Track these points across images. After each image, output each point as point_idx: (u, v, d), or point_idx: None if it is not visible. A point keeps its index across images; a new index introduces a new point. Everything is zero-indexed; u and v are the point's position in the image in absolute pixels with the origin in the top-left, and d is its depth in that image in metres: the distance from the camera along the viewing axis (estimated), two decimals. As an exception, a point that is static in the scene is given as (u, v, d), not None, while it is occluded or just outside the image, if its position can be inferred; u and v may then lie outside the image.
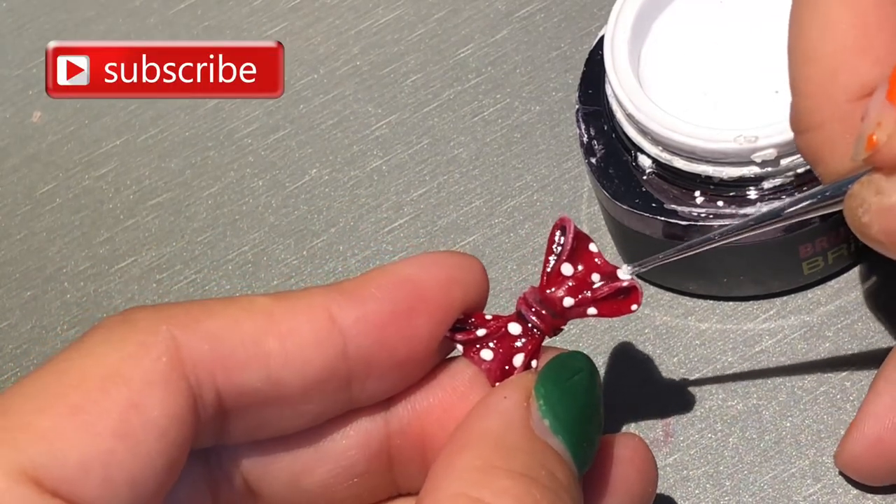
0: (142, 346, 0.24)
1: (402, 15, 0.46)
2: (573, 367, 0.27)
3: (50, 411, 0.23)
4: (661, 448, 0.35)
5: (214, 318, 0.25)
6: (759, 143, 0.32)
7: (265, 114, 0.45)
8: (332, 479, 0.27)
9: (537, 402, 0.26)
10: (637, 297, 0.28)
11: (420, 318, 0.26)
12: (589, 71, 0.37)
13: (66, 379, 0.23)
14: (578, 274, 0.28)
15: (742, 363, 0.36)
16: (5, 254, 0.45)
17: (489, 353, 0.28)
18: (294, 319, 0.25)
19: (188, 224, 0.44)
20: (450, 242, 0.41)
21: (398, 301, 0.26)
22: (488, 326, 0.28)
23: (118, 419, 0.23)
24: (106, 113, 0.47)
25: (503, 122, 0.43)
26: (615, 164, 0.35)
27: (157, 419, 0.23)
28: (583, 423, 0.26)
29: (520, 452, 0.25)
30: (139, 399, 0.23)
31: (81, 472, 0.22)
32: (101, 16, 0.50)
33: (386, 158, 0.43)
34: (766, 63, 0.35)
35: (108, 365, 0.24)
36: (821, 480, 0.34)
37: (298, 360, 0.25)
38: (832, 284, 0.36)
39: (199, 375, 0.24)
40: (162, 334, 0.24)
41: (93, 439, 0.23)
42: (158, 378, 0.24)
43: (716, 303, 0.37)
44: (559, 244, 0.28)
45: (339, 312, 0.26)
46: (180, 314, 0.25)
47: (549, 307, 0.28)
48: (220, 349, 0.25)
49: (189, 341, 0.24)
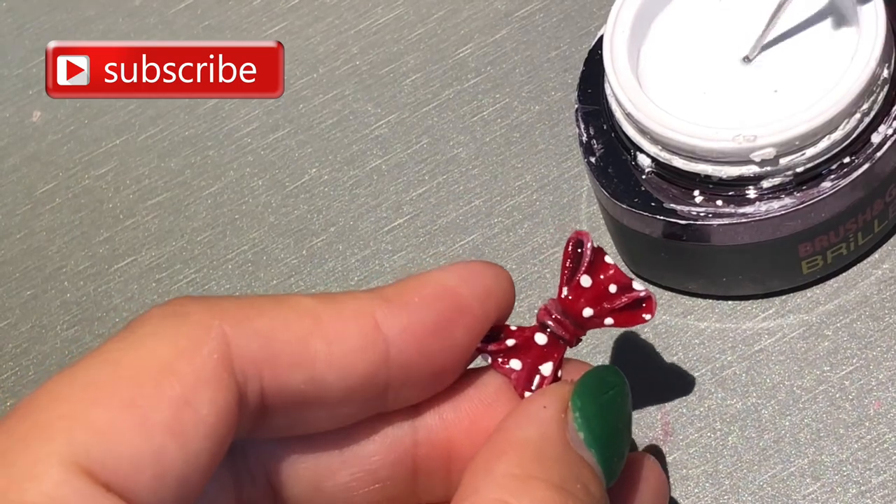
0: (195, 341, 0.24)
1: (402, 14, 0.46)
2: (609, 383, 0.27)
3: (104, 403, 0.23)
4: (660, 446, 0.35)
5: (264, 317, 0.25)
6: (758, 143, 0.32)
7: (265, 113, 0.45)
8: (354, 482, 0.27)
9: (573, 415, 0.26)
10: (651, 306, 0.29)
11: (459, 328, 0.27)
12: (588, 70, 0.37)
13: (119, 370, 0.23)
14: (597, 285, 0.29)
15: (741, 362, 0.36)
16: (5, 253, 0.45)
17: (518, 362, 0.28)
18: (341, 323, 0.25)
19: (188, 223, 0.44)
20: (449, 242, 0.41)
21: (440, 311, 0.26)
22: (516, 337, 0.28)
23: (171, 416, 0.23)
24: (105, 112, 0.47)
25: (502, 122, 0.43)
26: (614, 163, 0.35)
27: (206, 417, 0.23)
28: (614, 439, 0.27)
29: (557, 464, 0.25)
30: (191, 396, 0.23)
31: (134, 468, 0.22)
32: (100, 16, 0.50)
33: (385, 158, 0.43)
34: (765, 62, 0.35)
35: (162, 359, 0.23)
36: (820, 479, 0.34)
37: (343, 364, 0.25)
38: (831, 283, 0.36)
39: (246, 373, 0.24)
40: (214, 330, 0.24)
41: (146, 435, 0.22)
42: (210, 375, 0.24)
43: (715, 302, 0.37)
44: (577, 257, 0.29)
45: (384, 319, 0.26)
46: (232, 310, 0.25)
47: (571, 317, 0.29)
48: (268, 348, 0.24)
49: (239, 339, 0.24)
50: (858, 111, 0.33)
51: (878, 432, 0.34)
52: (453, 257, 0.40)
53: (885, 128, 0.34)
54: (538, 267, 0.39)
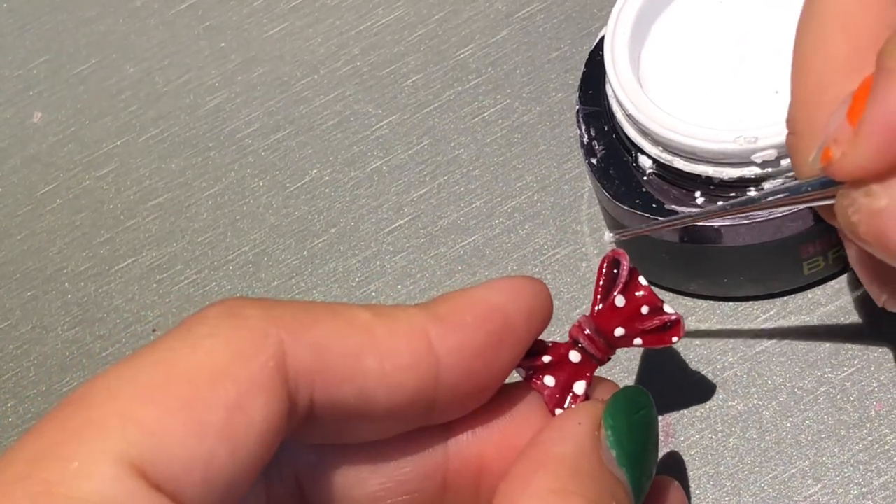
0: (252, 346, 0.24)
1: (403, 16, 0.46)
2: (639, 403, 0.28)
3: (158, 403, 0.22)
4: (662, 448, 0.35)
5: (320, 328, 0.25)
6: (760, 144, 0.32)
7: (266, 114, 0.45)
8: (382, 492, 0.27)
9: (605, 433, 0.26)
10: (679, 330, 0.29)
11: (506, 348, 0.27)
12: (589, 71, 0.37)
13: (175, 370, 0.23)
14: (630, 306, 0.29)
15: (742, 363, 0.36)
16: (6, 254, 0.45)
17: (552, 379, 0.29)
18: (394, 340, 0.25)
19: (189, 224, 0.44)
20: (450, 242, 0.41)
21: (491, 332, 0.26)
22: (551, 354, 0.29)
23: (224, 420, 0.23)
24: (106, 113, 0.47)
25: (503, 123, 0.43)
26: (615, 164, 0.35)
27: (258, 423, 0.23)
28: (644, 458, 0.27)
29: (593, 480, 0.25)
30: (245, 401, 0.23)
31: (185, 470, 0.22)
32: (101, 16, 0.50)
33: (386, 159, 0.43)
34: (766, 63, 0.35)
35: (218, 362, 0.23)
36: (821, 481, 0.34)
37: (393, 380, 0.25)
38: (833, 285, 0.36)
39: (298, 382, 0.24)
40: (272, 337, 0.24)
41: (198, 437, 0.22)
42: (264, 381, 0.23)
43: (716, 303, 0.37)
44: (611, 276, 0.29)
45: (437, 339, 0.26)
46: (289, 318, 0.24)
47: (603, 335, 0.29)
48: (322, 360, 0.24)
49: (295, 348, 0.24)
50: (860, 112, 0.33)
51: (880, 434, 0.34)
52: (454, 258, 0.40)
53: (887, 129, 0.33)
54: (539, 268, 0.39)
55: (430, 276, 0.40)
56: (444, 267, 0.40)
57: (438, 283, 0.40)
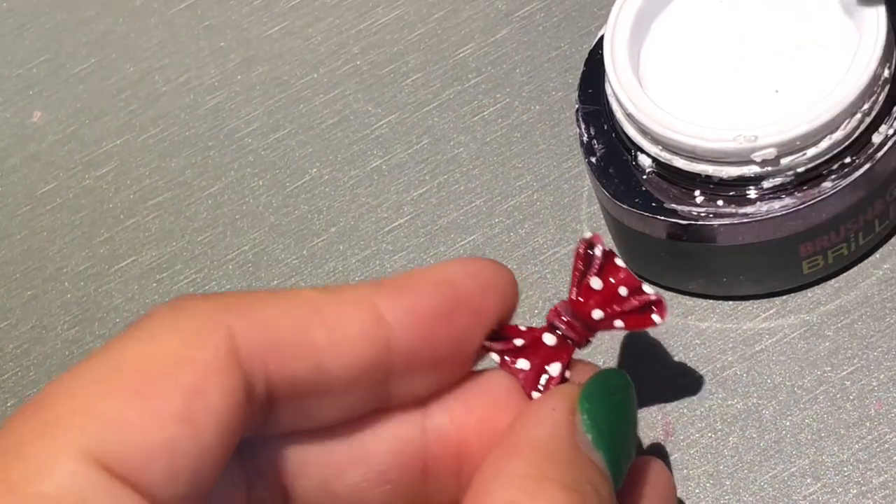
0: (202, 333, 0.24)
1: (402, 15, 0.46)
2: (616, 385, 0.28)
3: (115, 395, 0.23)
4: (660, 447, 0.35)
5: (267, 308, 0.25)
6: (759, 143, 0.32)
7: (265, 113, 0.45)
8: (364, 483, 0.27)
9: (581, 417, 0.26)
10: (662, 310, 0.29)
11: (461, 319, 0.27)
12: (589, 70, 0.37)
13: (129, 363, 0.23)
14: (607, 288, 0.29)
15: (742, 362, 0.36)
16: (5, 253, 0.45)
17: (526, 362, 0.28)
18: (341, 311, 0.25)
19: (188, 224, 0.44)
20: (450, 242, 0.41)
21: (441, 299, 0.26)
22: (524, 337, 0.29)
23: (182, 404, 0.23)
24: (106, 113, 0.47)
25: (503, 122, 0.43)
26: (615, 163, 0.35)
27: (217, 405, 0.23)
28: (622, 441, 0.27)
29: (569, 465, 0.25)
30: (202, 384, 0.23)
31: (147, 458, 0.22)
32: (101, 16, 0.50)
33: (386, 158, 0.43)
34: (765, 62, 0.35)
35: (171, 349, 0.23)
36: (821, 480, 0.34)
37: (345, 351, 0.25)
38: (832, 284, 0.36)
39: (252, 364, 0.24)
40: (219, 322, 0.24)
41: (158, 424, 0.23)
42: (219, 365, 0.24)
43: (715, 302, 0.37)
44: (588, 259, 0.29)
45: (384, 305, 0.26)
46: (234, 303, 0.25)
47: (580, 319, 0.29)
48: (272, 338, 0.25)
49: (244, 330, 0.24)
50: (859, 111, 0.33)
51: (879, 433, 0.34)
52: (454, 257, 0.40)
53: (886, 128, 0.34)
54: (539, 267, 0.39)
55: (430, 276, 0.40)
56: (444, 266, 0.40)
57: (438, 283, 0.40)
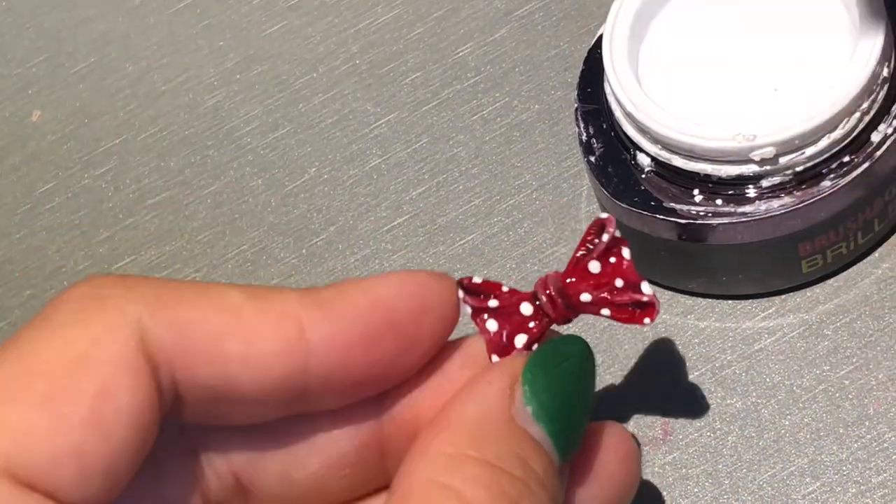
0: (111, 328, 0.23)
1: (401, 14, 0.46)
2: (564, 353, 0.27)
3: (19, 402, 0.22)
4: (660, 446, 0.35)
5: (183, 307, 0.24)
6: (758, 142, 0.32)
7: (264, 112, 0.45)
8: (324, 470, 0.27)
9: (522, 388, 0.25)
10: (653, 312, 0.28)
11: (388, 343, 0.26)
12: (588, 69, 0.37)
13: (33, 364, 0.23)
14: (604, 273, 0.28)
15: (741, 361, 0.36)
16: (5, 253, 0.45)
17: (494, 324, 0.28)
18: (263, 324, 0.25)
19: (187, 223, 0.44)
20: (449, 241, 0.41)
21: (370, 325, 0.25)
22: (501, 299, 0.28)
23: (89, 408, 0.22)
24: (105, 112, 0.47)
25: (502, 121, 0.43)
26: (614, 162, 0.35)
27: (127, 406, 0.23)
28: (568, 411, 0.26)
29: (495, 440, 0.24)
30: (110, 386, 0.23)
31: (55, 465, 0.22)
32: (100, 15, 0.50)
33: (385, 157, 0.43)
34: (764, 61, 0.35)
35: (77, 349, 0.23)
36: (820, 479, 0.34)
37: (258, 366, 0.25)
38: (831, 283, 0.36)
39: (159, 362, 0.24)
40: (130, 316, 0.23)
41: (64, 430, 0.22)
42: (128, 363, 0.23)
43: (715, 301, 0.37)
44: (594, 241, 0.28)
45: (309, 326, 0.25)
46: (150, 296, 0.24)
47: (566, 297, 0.28)
48: (182, 342, 0.24)
49: (155, 327, 0.24)
50: (858, 110, 0.33)
51: (878, 432, 0.34)
52: (453, 256, 0.40)
53: (885, 127, 0.34)
54: (538, 266, 0.39)
55: (429, 275, 0.40)
56: (443, 265, 0.40)
57: (437, 282, 0.40)
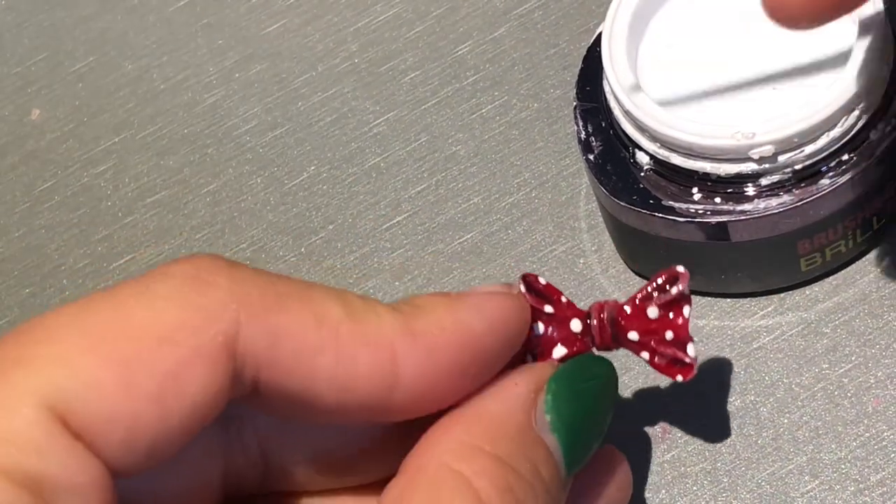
0: (205, 318, 0.23)
1: (400, 12, 0.46)
2: (592, 372, 0.27)
3: (96, 353, 0.22)
4: (659, 444, 0.35)
5: (284, 315, 0.24)
6: (757, 140, 0.32)
7: (263, 111, 0.45)
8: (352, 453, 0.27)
9: (546, 397, 0.26)
10: (688, 373, 0.29)
11: (472, 371, 0.26)
12: (587, 68, 0.37)
13: (122, 325, 0.23)
14: (659, 322, 0.29)
15: (739, 360, 0.36)
16: (4, 251, 0.45)
17: (542, 327, 0.28)
18: (357, 346, 0.25)
19: (186, 221, 0.44)
20: (448, 239, 0.41)
21: (460, 358, 0.26)
22: (557, 308, 0.28)
23: (157, 385, 0.23)
24: (104, 110, 0.47)
25: (501, 119, 0.43)
26: (613, 160, 0.35)
27: (193, 395, 0.23)
28: (584, 428, 0.27)
29: (510, 440, 0.25)
30: (183, 371, 0.23)
31: (107, 426, 0.22)
32: (99, 13, 0.50)
33: (384, 155, 0.43)
34: (763, 59, 0.35)
35: (168, 326, 0.23)
36: (818, 477, 0.34)
37: (345, 387, 0.25)
38: (830, 281, 0.36)
39: (246, 362, 0.24)
40: (230, 313, 0.24)
41: (128, 398, 0.22)
42: (208, 354, 0.23)
43: (713, 299, 0.37)
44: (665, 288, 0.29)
45: (402, 354, 0.25)
46: (255, 297, 0.24)
47: (616, 328, 0.29)
48: (275, 349, 0.24)
49: (251, 330, 0.24)
50: (857, 108, 0.33)
51: (877, 430, 0.34)
52: (452, 255, 0.40)
53: (884, 125, 0.34)
54: (537, 265, 0.39)
55: (428, 273, 0.40)
56: (442, 264, 0.40)
57: (436, 280, 0.40)
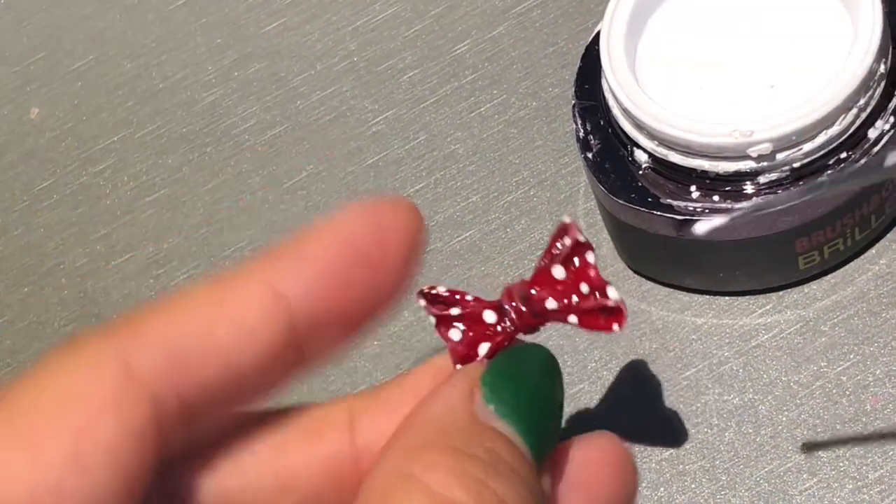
0: (91, 368, 0.23)
1: (399, 11, 0.46)
2: (522, 356, 0.27)
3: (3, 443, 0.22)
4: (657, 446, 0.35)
5: (162, 323, 0.24)
6: (755, 138, 0.32)
7: (262, 110, 0.45)
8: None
9: (482, 390, 0.26)
10: (621, 318, 0.27)
11: (363, 275, 0.26)
12: (585, 66, 0.37)
13: (14, 408, 0.23)
14: (569, 280, 0.28)
15: (738, 358, 0.36)
16: (3, 249, 0.45)
17: (457, 333, 0.28)
18: (237, 300, 0.25)
19: (185, 220, 0.44)
20: (447, 237, 0.41)
21: (338, 261, 0.25)
22: (465, 306, 0.28)
23: (69, 445, 0.22)
24: (103, 109, 0.47)
25: (500, 118, 0.43)
26: (611, 158, 0.35)
27: (109, 442, 0.23)
28: (532, 408, 0.26)
29: (460, 433, 0.25)
30: (90, 423, 0.23)
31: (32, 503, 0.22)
32: (98, 12, 0.50)
33: (383, 154, 0.43)
34: (761, 57, 0.35)
35: (57, 391, 0.23)
36: (816, 475, 0.34)
37: (250, 340, 0.25)
38: (828, 279, 0.36)
39: (156, 384, 0.24)
40: (111, 354, 0.23)
41: (42, 469, 0.22)
42: (113, 399, 0.23)
43: (712, 297, 0.37)
44: (558, 246, 0.28)
45: (280, 281, 0.25)
46: (124, 329, 0.24)
47: (532, 305, 0.28)
48: (174, 352, 0.24)
49: (141, 354, 0.24)
50: (855, 106, 0.33)
51: (875, 428, 0.34)
52: (451, 253, 0.40)
53: (882, 123, 0.34)
54: (535, 263, 0.39)
55: (427, 272, 0.40)
56: (441, 262, 0.40)
57: (435, 279, 0.40)
